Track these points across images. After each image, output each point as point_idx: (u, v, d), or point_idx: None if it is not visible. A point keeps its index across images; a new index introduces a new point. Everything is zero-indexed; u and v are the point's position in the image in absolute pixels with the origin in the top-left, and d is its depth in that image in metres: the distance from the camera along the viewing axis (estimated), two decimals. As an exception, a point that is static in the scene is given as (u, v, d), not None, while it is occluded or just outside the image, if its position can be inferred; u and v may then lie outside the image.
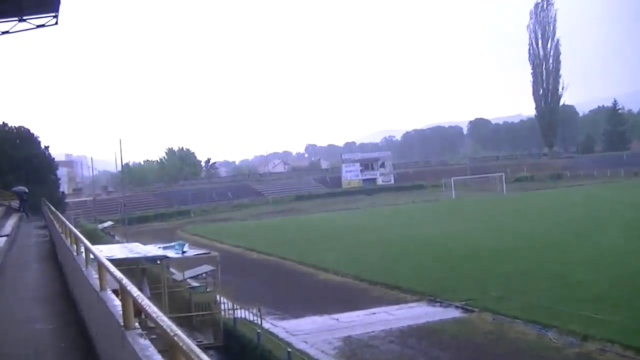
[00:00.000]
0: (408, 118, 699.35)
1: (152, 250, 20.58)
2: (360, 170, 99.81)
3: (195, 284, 23.21)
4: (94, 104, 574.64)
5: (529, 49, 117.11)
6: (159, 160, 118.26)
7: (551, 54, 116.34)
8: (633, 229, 31.13)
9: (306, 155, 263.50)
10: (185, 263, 22.24)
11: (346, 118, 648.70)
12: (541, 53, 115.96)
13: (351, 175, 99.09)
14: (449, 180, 75.09)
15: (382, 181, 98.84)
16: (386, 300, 22.82)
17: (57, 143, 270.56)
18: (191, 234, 49.52)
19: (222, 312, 19.97)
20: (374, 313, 21.15)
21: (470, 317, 19.41)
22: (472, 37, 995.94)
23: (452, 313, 20.26)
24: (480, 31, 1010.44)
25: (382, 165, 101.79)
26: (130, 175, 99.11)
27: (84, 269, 7.41)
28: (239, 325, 18.99)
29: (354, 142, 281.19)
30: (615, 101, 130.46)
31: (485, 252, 29.07)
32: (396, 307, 21.80)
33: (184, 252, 19.97)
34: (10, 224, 21.04)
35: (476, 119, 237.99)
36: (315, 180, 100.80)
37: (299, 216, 61.43)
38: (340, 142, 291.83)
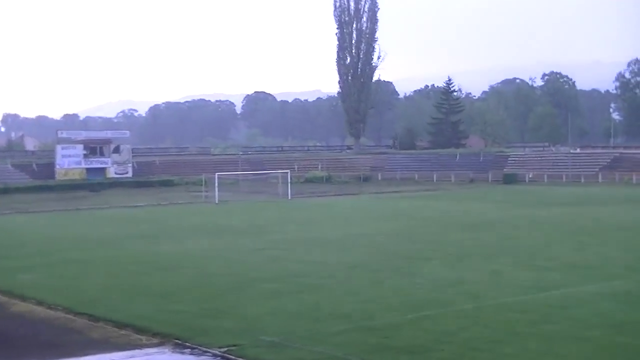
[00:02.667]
0: (158, 87, 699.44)
1: None
2: (84, 155, 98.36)
3: None
4: None
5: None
6: None
7: (365, 7, 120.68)
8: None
9: (3, 129, 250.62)
10: None
11: (67, 81, 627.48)
12: (351, 5, 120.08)
13: (70, 162, 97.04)
14: (213, 177, 76.12)
15: (116, 173, 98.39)
16: (113, 345, 22.32)
17: None
18: None
19: None
20: (92, 365, 20.51)
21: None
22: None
23: (207, 366, 20.45)
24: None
25: (117, 150, 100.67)
26: None
27: None
28: None
29: (76, 115, 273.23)
30: (449, 79, 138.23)
31: (262, 280, 29.93)
32: (126, 354, 21.46)
33: None
34: None
35: (255, 92, 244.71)
36: (15, 167, 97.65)
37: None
38: (56, 114, 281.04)
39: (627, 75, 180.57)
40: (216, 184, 72.57)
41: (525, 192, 77.93)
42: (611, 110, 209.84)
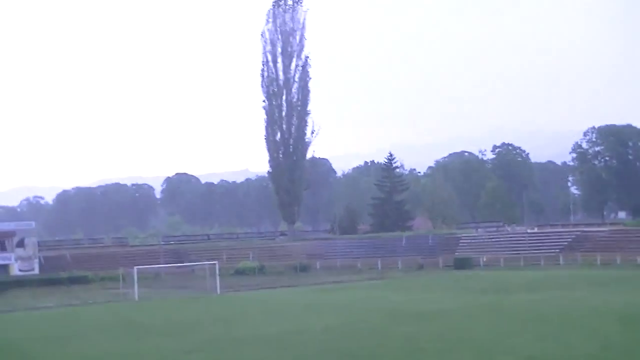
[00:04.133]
0: (65, 171, 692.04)
1: None
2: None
3: None
4: None
5: (262, 69, 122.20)
6: None
7: (296, 77, 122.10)
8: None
9: None
10: None
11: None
12: (280, 76, 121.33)
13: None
14: (131, 271, 75.24)
15: (20, 270, 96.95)
16: None
17: None
18: None
19: None
20: None
21: None
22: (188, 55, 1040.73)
23: None
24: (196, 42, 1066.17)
25: (21, 244, 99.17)
26: None
27: None
28: None
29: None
30: (390, 155, 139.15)
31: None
32: None
33: None
34: None
35: (176, 174, 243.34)
36: None
37: None
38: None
39: (585, 145, 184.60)
40: (135, 279, 71.59)
41: (480, 278, 78.64)
42: (569, 183, 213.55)
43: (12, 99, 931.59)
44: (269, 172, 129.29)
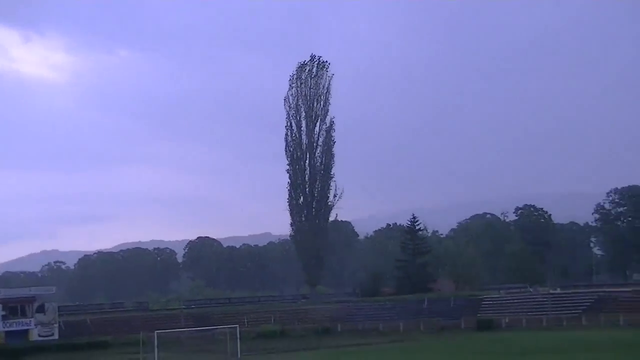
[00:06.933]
0: (86, 235, 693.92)
1: None
2: (3, 317, 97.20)
3: None
4: None
5: (286, 134, 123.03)
6: None
7: (319, 142, 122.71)
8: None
9: None
10: None
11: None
12: (304, 140, 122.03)
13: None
14: (152, 335, 75.13)
15: (40, 335, 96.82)
16: None
17: None
18: None
19: None
20: None
21: None
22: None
23: None
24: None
25: (41, 309, 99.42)
26: None
27: None
28: None
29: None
30: (414, 217, 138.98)
31: None
32: None
33: None
34: None
35: (198, 238, 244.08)
36: None
37: None
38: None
39: (607, 206, 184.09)
40: (156, 344, 71.37)
41: (503, 340, 77.85)
42: (592, 244, 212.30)
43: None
44: (291, 235, 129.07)
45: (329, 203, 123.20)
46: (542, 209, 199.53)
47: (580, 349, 62.63)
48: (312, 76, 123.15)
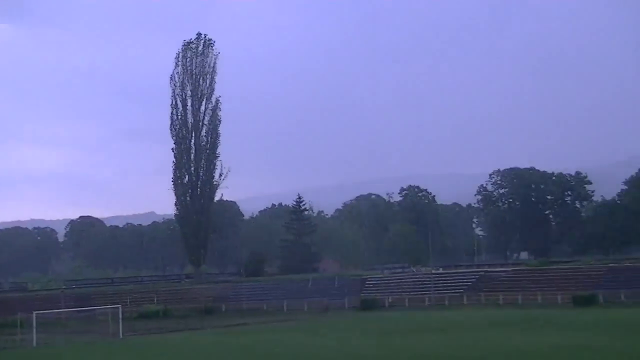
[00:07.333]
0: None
1: None
2: None
3: None
4: None
5: (172, 112, 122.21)
6: None
7: (205, 121, 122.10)
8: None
9: None
10: None
11: None
12: (189, 118, 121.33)
13: None
14: (30, 316, 73.65)
15: None
16: None
17: None
18: None
19: None
20: None
21: None
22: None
23: None
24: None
25: None
26: None
27: None
28: None
29: None
30: (299, 197, 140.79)
31: None
32: None
33: None
34: None
35: (80, 218, 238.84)
36: None
37: None
38: None
39: (490, 187, 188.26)
40: (34, 325, 70.06)
41: (384, 319, 78.85)
42: (474, 225, 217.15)
43: None
44: (176, 215, 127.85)
45: (214, 182, 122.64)
46: (426, 189, 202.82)
47: (459, 327, 63.67)
48: (198, 54, 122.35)
